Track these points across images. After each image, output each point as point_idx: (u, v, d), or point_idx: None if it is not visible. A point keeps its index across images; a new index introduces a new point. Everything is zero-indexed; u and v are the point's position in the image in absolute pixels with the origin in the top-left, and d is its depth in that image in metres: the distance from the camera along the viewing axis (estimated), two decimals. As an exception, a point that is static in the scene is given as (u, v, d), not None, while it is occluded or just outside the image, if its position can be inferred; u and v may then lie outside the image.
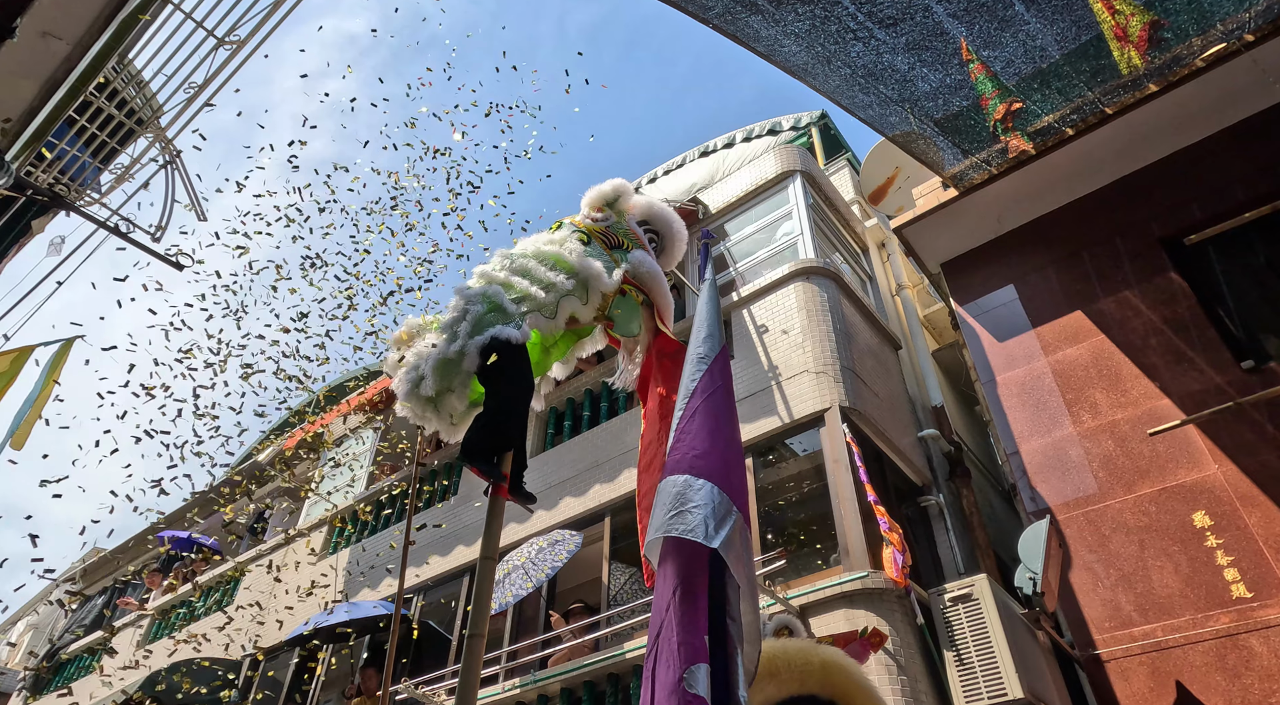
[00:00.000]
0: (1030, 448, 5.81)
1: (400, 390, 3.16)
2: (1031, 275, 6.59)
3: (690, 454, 2.38)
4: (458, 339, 3.06)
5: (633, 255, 3.50)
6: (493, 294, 3.18)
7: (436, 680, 6.78)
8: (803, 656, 2.29)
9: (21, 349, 5.40)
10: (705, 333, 2.78)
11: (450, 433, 3.27)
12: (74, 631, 12.97)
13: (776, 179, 7.63)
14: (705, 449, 2.39)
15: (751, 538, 2.27)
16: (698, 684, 1.91)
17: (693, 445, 2.41)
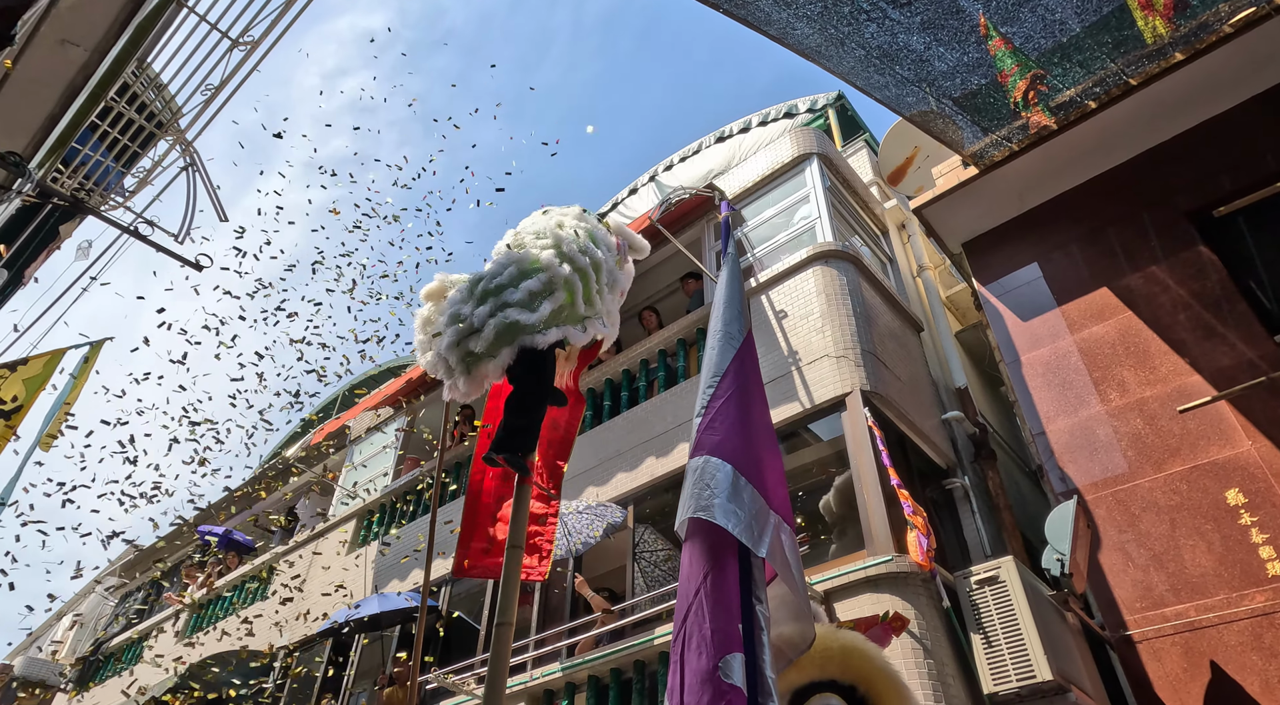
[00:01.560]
0: (1057, 428, 5.73)
1: (445, 339, 3.03)
2: (1055, 253, 6.48)
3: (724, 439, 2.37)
4: (536, 312, 2.90)
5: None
6: (574, 285, 3.01)
7: (466, 669, 6.88)
8: (822, 642, 2.29)
9: (53, 352, 5.53)
10: (732, 312, 2.75)
11: (469, 392, 3.14)
12: (119, 622, 13.32)
13: (793, 162, 7.55)
14: (741, 441, 2.38)
15: (793, 534, 2.26)
16: (733, 673, 1.90)
17: (729, 432, 2.40)
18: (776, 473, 2.46)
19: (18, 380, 5.38)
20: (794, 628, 2.16)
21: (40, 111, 4.10)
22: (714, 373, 2.63)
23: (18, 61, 3.74)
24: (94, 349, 5.88)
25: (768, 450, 2.51)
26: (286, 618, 9.49)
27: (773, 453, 2.54)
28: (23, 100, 4.05)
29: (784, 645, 2.17)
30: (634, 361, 7.68)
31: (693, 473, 2.29)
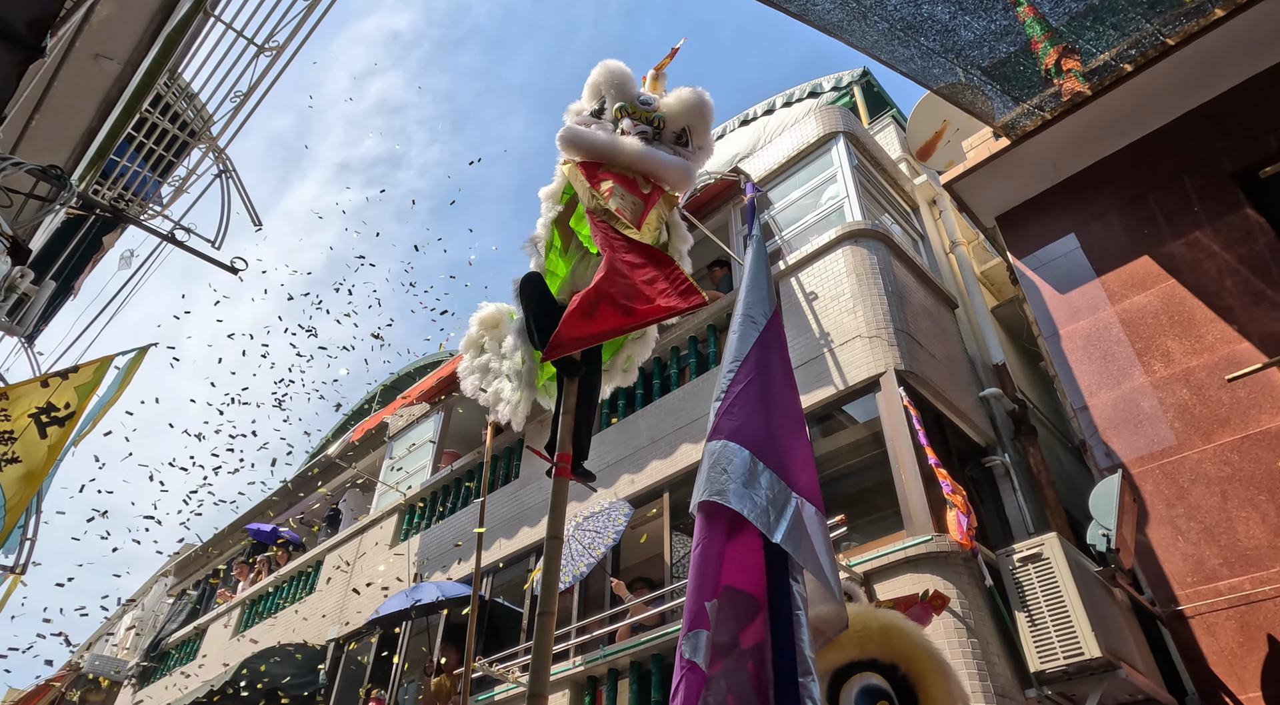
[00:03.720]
0: (1099, 401, 5.60)
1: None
2: (1093, 223, 6.32)
3: (743, 424, 2.36)
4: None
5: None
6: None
7: (510, 657, 6.98)
8: (861, 622, 2.28)
9: (102, 359, 5.71)
10: (757, 294, 2.73)
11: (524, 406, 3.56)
12: (177, 620, 13.77)
13: (819, 142, 7.46)
14: (761, 425, 2.36)
15: (820, 514, 2.24)
16: (692, 649, 1.95)
17: (748, 417, 2.39)
18: (802, 454, 2.44)
19: (70, 387, 5.57)
20: (829, 608, 2.16)
21: (79, 126, 4.22)
22: (734, 357, 2.61)
23: (55, 78, 3.85)
24: (139, 355, 6.06)
25: (792, 433, 2.49)
26: (334, 611, 9.72)
27: (798, 435, 2.52)
28: (62, 116, 4.17)
29: (822, 624, 2.17)
30: (665, 349, 7.68)
31: (709, 456, 2.29)
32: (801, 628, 2.06)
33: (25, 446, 5.15)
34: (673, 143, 3.63)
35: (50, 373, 5.54)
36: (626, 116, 3.65)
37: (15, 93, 2.39)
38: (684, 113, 3.71)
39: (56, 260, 6.12)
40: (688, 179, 3.53)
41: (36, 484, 5.16)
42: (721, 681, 2.06)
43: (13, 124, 3.73)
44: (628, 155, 3.48)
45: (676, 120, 3.70)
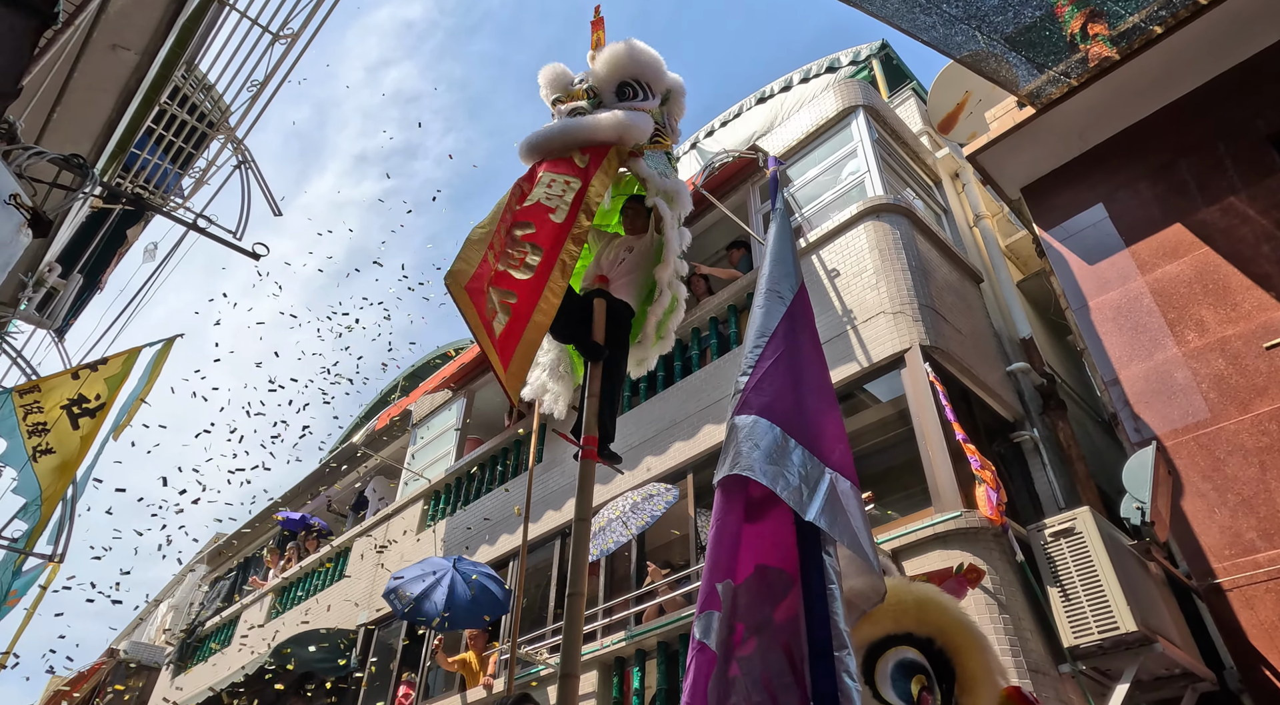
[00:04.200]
0: (1131, 374, 5.50)
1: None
2: (1121, 191, 6.17)
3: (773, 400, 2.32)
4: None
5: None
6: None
7: (538, 639, 7.04)
8: (896, 595, 2.25)
9: (130, 351, 5.79)
10: (782, 269, 2.67)
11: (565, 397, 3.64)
12: (211, 607, 14.05)
13: (838, 117, 7.34)
14: (791, 401, 2.32)
15: (855, 489, 2.21)
16: (704, 631, 1.94)
17: (779, 393, 2.35)
18: (835, 429, 2.40)
19: (99, 379, 5.65)
20: (864, 581, 2.13)
21: (99, 117, 4.24)
22: (760, 332, 2.56)
23: (75, 69, 3.87)
24: (166, 346, 6.13)
25: (824, 407, 2.45)
26: (364, 597, 9.86)
27: (830, 410, 2.48)
28: (82, 108, 4.19)
29: (856, 598, 2.14)
30: (685, 331, 7.63)
31: (738, 430, 2.24)
32: (835, 601, 2.04)
33: (58, 437, 5.24)
34: (618, 103, 3.55)
35: (80, 365, 5.62)
36: (559, 105, 3.63)
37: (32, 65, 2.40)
38: (615, 69, 3.62)
39: (83, 254, 6.19)
40: (623, 125, 3.42)
41: (70, 474, 5.25)
42: (756, 660, 2.05)
43: (35, 115, 3.75)
44: (545, 138, 3.44)
45: (611, 80, 3.62)
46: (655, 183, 3.47)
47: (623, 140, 3.44)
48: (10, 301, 5.12)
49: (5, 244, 1.54)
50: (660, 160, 3.61)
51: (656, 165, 3.55)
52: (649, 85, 3.67)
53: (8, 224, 1.55)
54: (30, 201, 1.59)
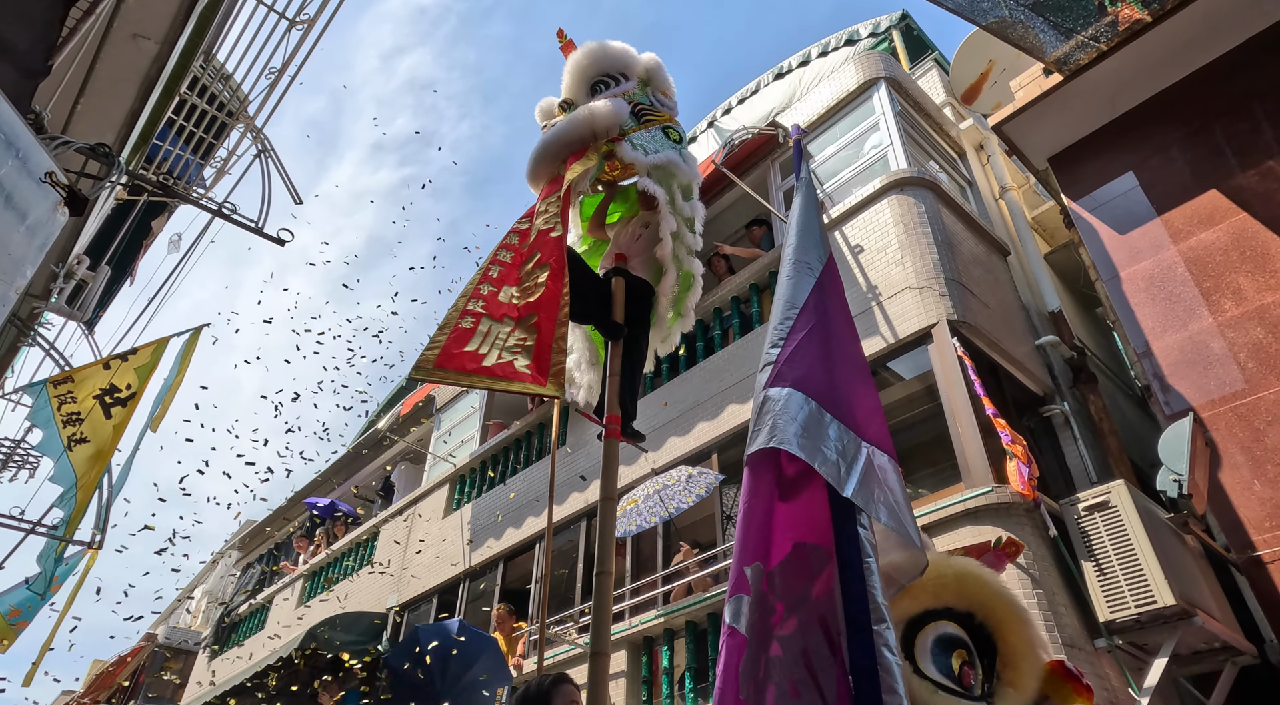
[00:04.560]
0: (1164, 345, 5.39)
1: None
2: (1153, 158, 6.02)
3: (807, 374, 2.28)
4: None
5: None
6: None
7: (566, 620, 7.10)
8: (936, 569, 2.21)
9: (159, 341, 5.86)
10: (810, 239, 2.62)
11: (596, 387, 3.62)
12: (244, 592, 14.32)
13: (859, 90, 7.22)
14: (824, 375, 2.29)
15: (893, 462, 2.18)
16: (734, 615, 1.95)
17: (811, 366, 2.31)
18: (870, 402, 2.36)
19: (130, 369, 5.73)
20: (904, 556, 2.10)
21: (122, 107, 4.26)
22: (790, 304, 2.51)
23: (97, 60, 3.88)
24: (194, 335, 6.20)
25: (857, 382, 2.42)
26: (392, 581, 9.99)
27: (864, 383, 2.44)
28: (105, 98, 4.21)
29: (895, 572, 2.11)
30: (706, 311, 7.59)
31: (774, 402, 2.20)
32: (872, 575, 2.01)
33: (92, 427, 5.32)
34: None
35: (111, 356, 5.70)
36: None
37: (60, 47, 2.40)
38: (579, 75, 3.66)
39: (110, 246, 6.25)
40: (588, 114, 3.42)
41: (104, 462, 5.34)
42: (796, 637, 2.03)
43: (60, 107, 3.77)
44: (532, 163, 3.48)
45: (580, 86, 3.66)
46: (639, 163, 3.42)
47: (595, 129, 3.42)
48: (42, 294, 5.19)
49: (42, 223, 1.54)
50: (652, 137, 3.55)
51: (647, 142, 3.50)
52: (621, 74, 3.66)
53: (44, 203, 1.55)
54: (65, 180, 1.59)
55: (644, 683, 6.19)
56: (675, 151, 3.56)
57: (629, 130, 3.48)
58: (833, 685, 1.98)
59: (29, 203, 1.54)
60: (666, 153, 3.49)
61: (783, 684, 2.02)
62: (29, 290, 4.99)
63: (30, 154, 1.54)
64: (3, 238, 1.46)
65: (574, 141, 3.40)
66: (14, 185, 1.49)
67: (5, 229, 1.47)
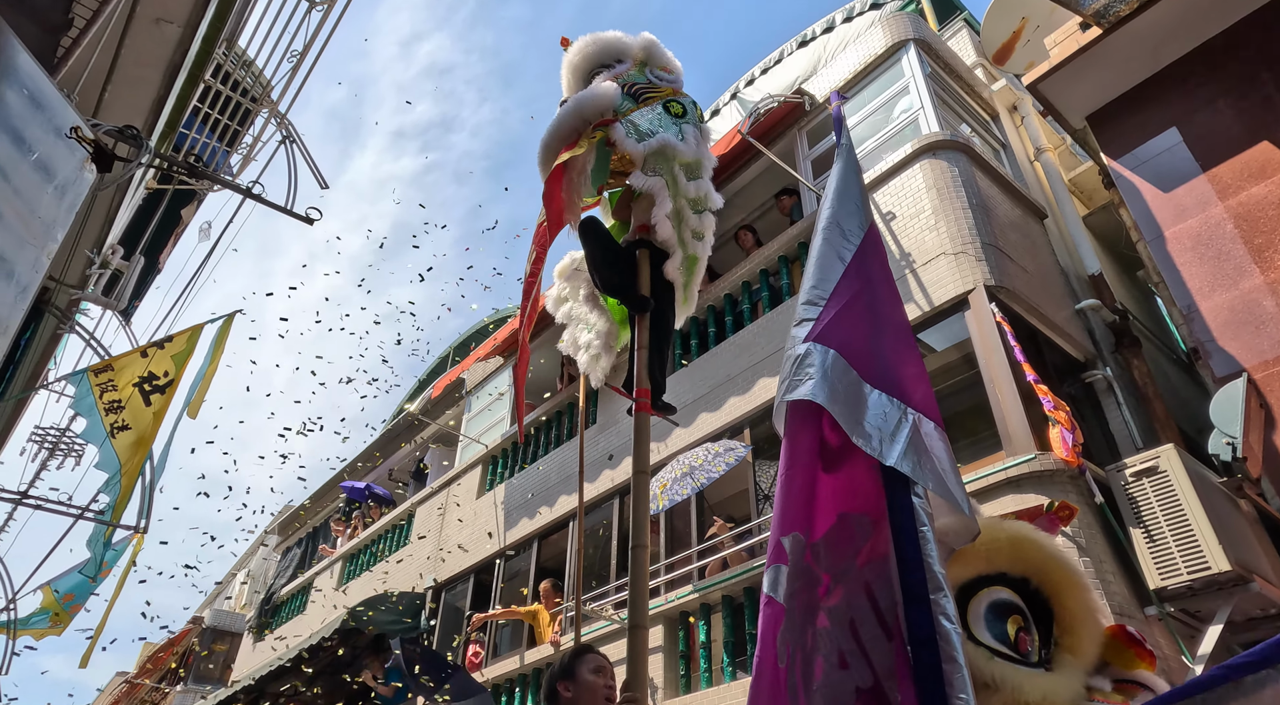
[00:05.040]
0: (1213, 305, 5.21)
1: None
2: (1199, 112, 5.78)
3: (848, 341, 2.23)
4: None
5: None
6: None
7: (601, 597, 7.13)
8: (988, 533, 2.14)
9: (193, 328, 5.93)
10: (849, 206, 2.54)
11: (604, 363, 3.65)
12: (283, 578, 14.63)
13: (887, 53, 7.02)
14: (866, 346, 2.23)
15: (939, 429, 2.12)
16: (772, 584, 1.94)
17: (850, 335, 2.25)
18: (915, 369, 2.30)
19: (166, 356, 5.81)
20: (953, 520, 2.04)
21: (148, 94, 4.27)
22: (826, 267, 2.44)
23: (121, 46, 3.88)
24: (226, 322, 6.26)
25: (902, 348, 2.35)
26: (429, 561, 10.12)
27: (908, 349, 2.37)
28: (131, 86, 4.22)
29: (944, 537, 2.06)
30: (735, 284, 7.50)
31: (817, 357, 2.14)
32: (928, 543, 1.96)
33: (133, 414, 5.41)
34: None
35: (148, 343, 5.78)
36: None
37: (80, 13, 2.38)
38: (574, 71, 3.59)
39: (141, 236, 6.32)
40: (573, 105, 3.35)
41: (146, 448, 5.43)
42: (843, 608, 2.00)
43: (86, 96, 3.79)
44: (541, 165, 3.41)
45: (577, 82, 3.58)
46: (634, 153, 3.29)
47: (584, 116, 3.33)
48: (79, 283, 5.26)
49: (70, 183, 1.53)
50: (651, 115, 3.44)
51: (645, 122, 3.39)
52: (616, 61, 3.57)
53: (70, 160, 1.53)
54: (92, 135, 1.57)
55: (681, 657, 6.20)
56: (674, 131, 3.42)
57: (625, 112, 3.37)
58: (885, 656, 1.94)
59: (57, 162, 1.52)
60: (662, 136, 3.35)
61: (831, 655, 2.00)
62: (65, 279, 5.06)
63: (56, 111, 1.52)
64: (32, 199, 1.45)
65: (567, 133, 3.32)
66: (42, 144, 1.47)
67: (34, 189, 1.46)
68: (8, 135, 1.37)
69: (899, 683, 1.86)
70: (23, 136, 1.41)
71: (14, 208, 1.38)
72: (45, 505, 5.85)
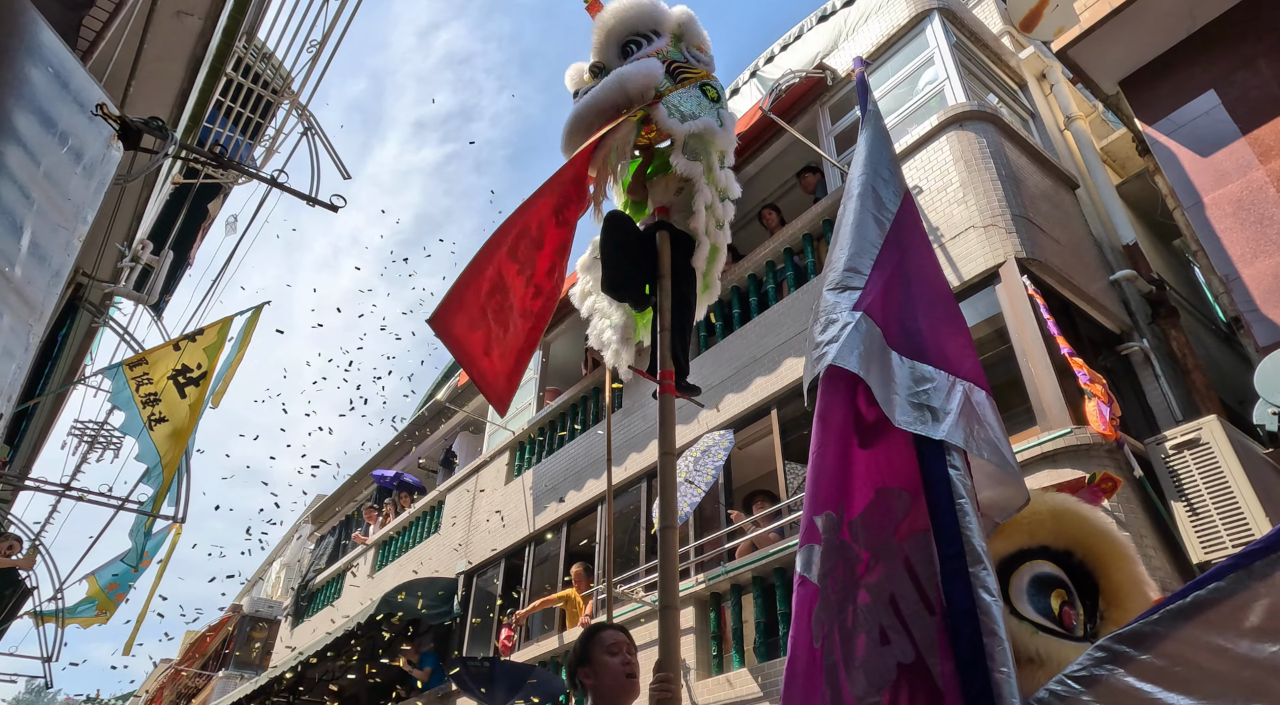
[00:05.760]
0: (1255, 272, 5.06)
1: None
2: (1238, 72, 5.59)
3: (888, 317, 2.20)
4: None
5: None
6: None
7: (631, 579, 7.16)
8: (1029, 507, 2.09)
9: (223, 320, 6.01)
10: (886, 171, 2.48)
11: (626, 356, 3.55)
12: (318, 566, 14.90)
13: (910, 23, 6.87)
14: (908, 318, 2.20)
15: (990, 398, 2.08)
16: (805, 564, 1.93)
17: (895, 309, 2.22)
18: (962, 338, 2.26)
19: (199, 349, 5.90)
20: (1002, 491, 2.00)
21: (171, 88, 4.30)
22: (861, 243, 2.39)
23: (144, 42, 3.90)
24: (255, 314, 6.33)
25: (948, 318, 2.31)
26: (460, 547, 10.23)
27: (954, 319, 2.33)
28: (155, 81, 4.26)
29: (992, 510, 2.02)
30: (759, 264, 7.43)
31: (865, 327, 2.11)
32: (967, 516, 1.93)
33: (169, 406, 5.51)
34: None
35: (180, 337, 5.87)
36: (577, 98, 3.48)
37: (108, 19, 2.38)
38: (608, 36, 3.45)
39: (170, 231, 6.40)
40: (618, 81, 3.23)
41: (184, 440, 5.53)
42: (884, 584, 1.98)
43: (111, 92, 3.81)
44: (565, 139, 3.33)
45: (610, 48, 3.46)
46: (676, 131, 3.25)
47: (629, 95, 3.24)
48: (111, 278, 5.34)
49: (98, 162, 1.53)
50: (690, 97, 3.38)
51: (685, 105, 3.33)
52: (652, 32, 3.47)
53: (97, 139, 1.54)
54: (118, 111, 1.57)
55: (714, 638, 6.21)
56: (713, 115, 3.38)
57: (665, 91, 3.33)
58: (927, 630, 1.92)
59: (83, 140, 1.52)
60: (705, 118, 3.31)
61: (873, 632, 1.98)
62: (97, 274, 5.15)
63: (81, 88, 1.52)
64: (61, 180, 1.45)
65: (607, 108, 3.25)
66: (68, 122, 1.47)
67: (63, 170, 1.46)
68: (35, 115, 1.37)
69: (940, 656, 1.83)
70: (50, 116, 1.42)
71: (44, 191, 1.38)
72: (87, 497, 5.99)
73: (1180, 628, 1.09)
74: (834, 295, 2.18)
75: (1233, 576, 1.07)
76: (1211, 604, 1.07)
